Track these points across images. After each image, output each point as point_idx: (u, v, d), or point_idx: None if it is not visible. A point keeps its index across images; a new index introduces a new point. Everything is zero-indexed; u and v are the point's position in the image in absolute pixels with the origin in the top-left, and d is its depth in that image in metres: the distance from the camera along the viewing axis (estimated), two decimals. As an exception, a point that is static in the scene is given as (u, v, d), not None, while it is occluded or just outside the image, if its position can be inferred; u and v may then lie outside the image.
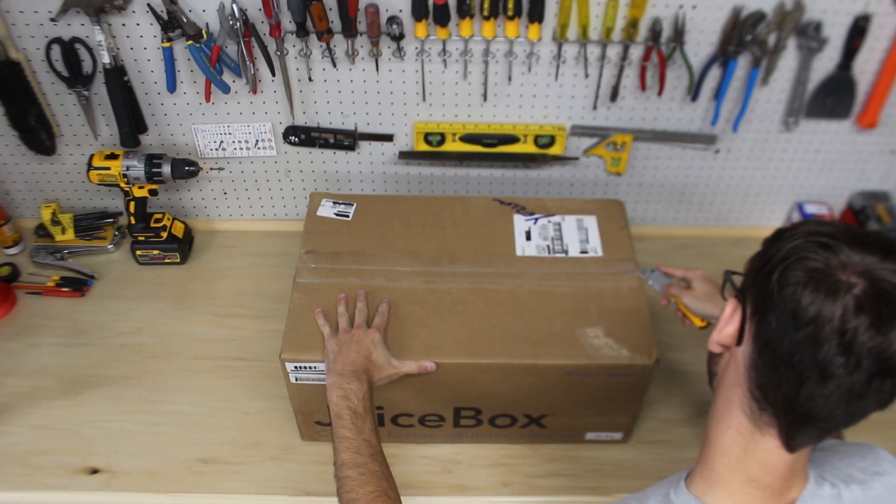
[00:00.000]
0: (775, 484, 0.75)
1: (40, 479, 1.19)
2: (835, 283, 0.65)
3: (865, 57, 1.37)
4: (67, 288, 1.47)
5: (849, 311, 0.64)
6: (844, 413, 0.69)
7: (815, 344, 0.65)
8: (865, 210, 1.54)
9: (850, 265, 0.66)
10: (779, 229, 0.76)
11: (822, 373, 0.66)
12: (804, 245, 0.69)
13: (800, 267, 0.67)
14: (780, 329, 0.68)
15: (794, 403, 0.70)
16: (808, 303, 0.66)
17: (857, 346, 0.64)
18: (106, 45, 1.29)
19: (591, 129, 1.46)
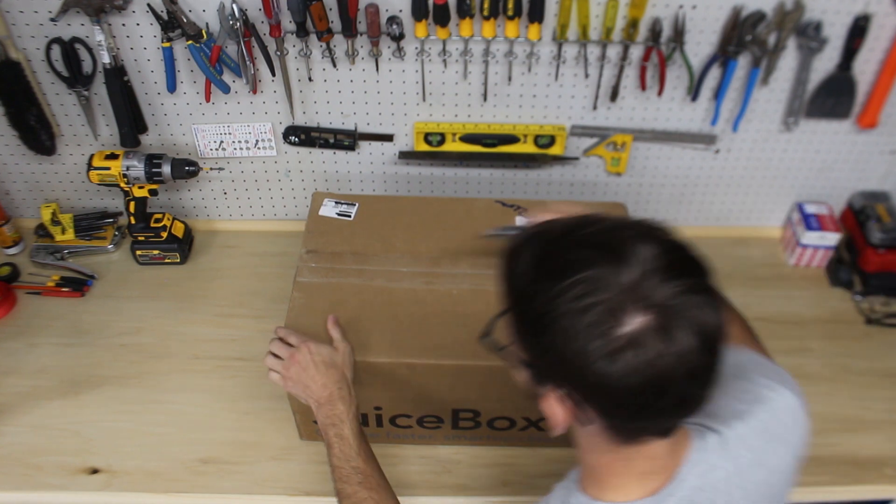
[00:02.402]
0: (664, 463, 0.76)
1: (40, 479, 1.19)
2: (627, 339, 0.63)
3: (865, 57, 1.37)
4: (67, 288, 1.47)
5: (666, 348, 0.63)
6: (702, 390, 0.69)
7: (661, 390, 0.65)
8: (865, 210, 1.54)
9: (619, 306, 0.64)
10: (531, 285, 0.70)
11: (680, 401, 0.68)
12: (569, 312, 0.65)
13: (590, 345, 0.64)
14: (621, 402, 0.67)
15: (660, 424, 0.71)
16: (628, 371, 0.64)
17: (694, 361, 0.65)
18: (106, 45, 1.29)
19: (591, 129, 1.46)
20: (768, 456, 0.81)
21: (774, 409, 0.83)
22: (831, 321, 1.47)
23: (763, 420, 0.81)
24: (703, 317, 0.65)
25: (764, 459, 0.80)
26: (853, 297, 1.52)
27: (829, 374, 1.38)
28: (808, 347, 1.42)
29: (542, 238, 0.72)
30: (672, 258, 0.68)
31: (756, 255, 1.61)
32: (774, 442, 0.81)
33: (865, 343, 1.44)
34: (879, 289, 1.51)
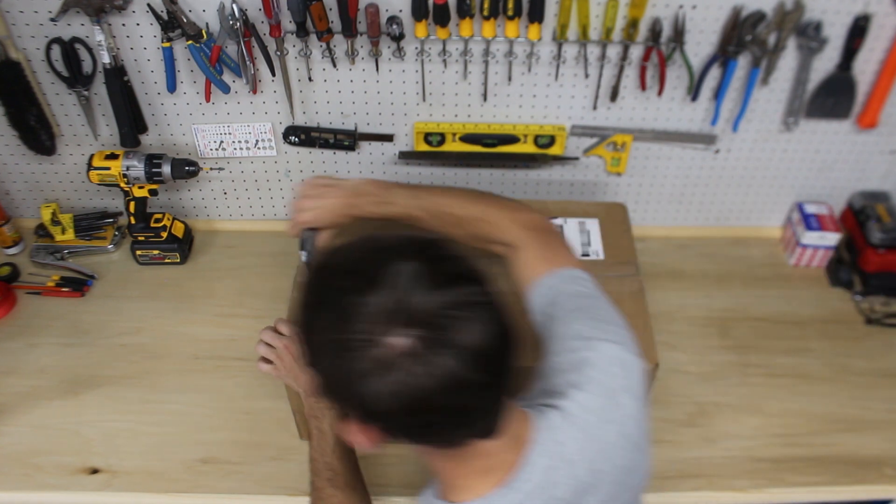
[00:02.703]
0: (505, 456, 0.77)
1: (40, 479, 1.19)
2: (390, 360, 0.64)
3: (865, 57, 1.37)
4: (67, 288, 1.47)
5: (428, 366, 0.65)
6: (492, 400, 0.72)
7: (433, 409, 0.67)
8: (865, 210, 1.54)
9: (375, 325, 0.65)
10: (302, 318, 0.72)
11: (458, 414, 0.69)
12: (335, 343, 0.67)
13: (354, 367, 0.65)
14: (402, 423, 0.69)
15: (467, 433, 0.72)
16: (397, 391, 0.65)
17: (463, 378, 0.65)
18: (106, 45, 1.29)
19: (591, 129, 1.46)
20: (614, 411, 0.82)
21: (599, 365, 0.84)
22: (831, 321, 1.47)
23: (595, 379, 0.83)
24: (468, 334, 0.65)
25: (611, 416, 0.82)
26: (853, 297, 1.52)
27: (829, 374, 1.38)
28: (808, 347, 1.42)
29: (310, 270, 0.75)
30: (435, 274, 0.67)
31: (756, 255, 1.61)
32: (615, 395, 0.83)
33: (865, 343, 1.44)
34: (879, 289, 1.51)
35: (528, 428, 0.79)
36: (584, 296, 0.92)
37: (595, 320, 0.89)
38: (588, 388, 0.82)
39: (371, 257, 0.70)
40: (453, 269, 0.69)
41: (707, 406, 1.32)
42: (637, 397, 0.85)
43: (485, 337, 0.66)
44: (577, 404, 0.81)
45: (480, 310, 0.67)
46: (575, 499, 0.79)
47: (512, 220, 1.03)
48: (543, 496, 0.77)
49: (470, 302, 0.67)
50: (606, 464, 0.81)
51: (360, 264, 0.69)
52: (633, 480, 0.85)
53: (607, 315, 0.90)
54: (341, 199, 1.07)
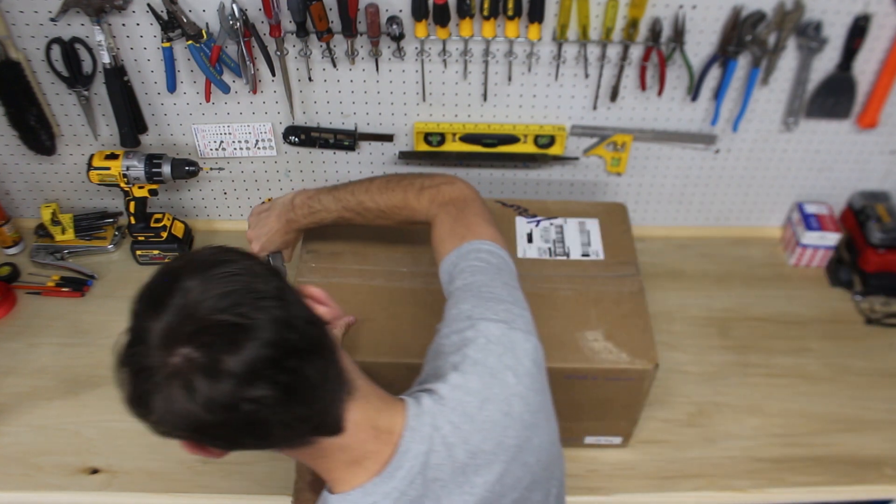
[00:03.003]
0: (372, 446, 0.77)
1: (40, 479, 1.19)
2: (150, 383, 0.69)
3: (865, 57, 1.37)
4: (67, 288, 1.47)
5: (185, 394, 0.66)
6: (316, 398, 0.72)
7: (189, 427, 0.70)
8: (865, 210, 1.54)
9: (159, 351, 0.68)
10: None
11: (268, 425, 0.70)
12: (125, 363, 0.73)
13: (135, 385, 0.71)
14: (218, 438, 0.72)
15: (295, 434, 0.73)
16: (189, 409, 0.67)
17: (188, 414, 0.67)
18: (106, 45, 1.29)
19: (591, 129, 1.46)
20: (494, 389, 0.82)
21: (479, 344, 0.84)
22: (831, 321, 1.47)
23: (473, 359, 0.83)
24: (238, 355, 0.65)
25: (490, 394, 0.81)
26: (853, 297, 1.52)
27: (829, 374, 1.38)
28: (808, 347, 1.42)
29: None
30: (209, 294, 0.67)
31: (756, 255, 1.61)
32: (496, 374, 0.82)
33: (865, 343, 1.44)
34: (879, 289, 1.51)
35: (402, 415, 0.79)
36: (478, 271, 0.91)
37: (481, 298, 0.88)
38: (465, 368, 0.82)
39: (157, 281, 0.72)
40: (231, 287, 0.68)
41: (707, 406, 1.32)
42: (524, 374, 0.84)
43: (258, 355, 0.66)
44: (451, 386, 0.81)
45: (252, 327, 0.66)
46: (455, 479, 0.79)
47: (428, 199, 1.04)
48: (420, 480, 0.77)
49: (238, 324, 0.66)
50: (489, 444, 0.80)
51: (148, 289, 0.72)
52: (528, 458, 0.84)
53: (497, 292, 0.89)
54: (278, 222, 1.16)
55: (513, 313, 0.87)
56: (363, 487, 0.77)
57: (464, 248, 0.95)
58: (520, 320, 0.87)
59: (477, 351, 0.83)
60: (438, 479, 0.78)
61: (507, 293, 0.90)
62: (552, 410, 0.89)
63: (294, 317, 0.69)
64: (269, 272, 0.72)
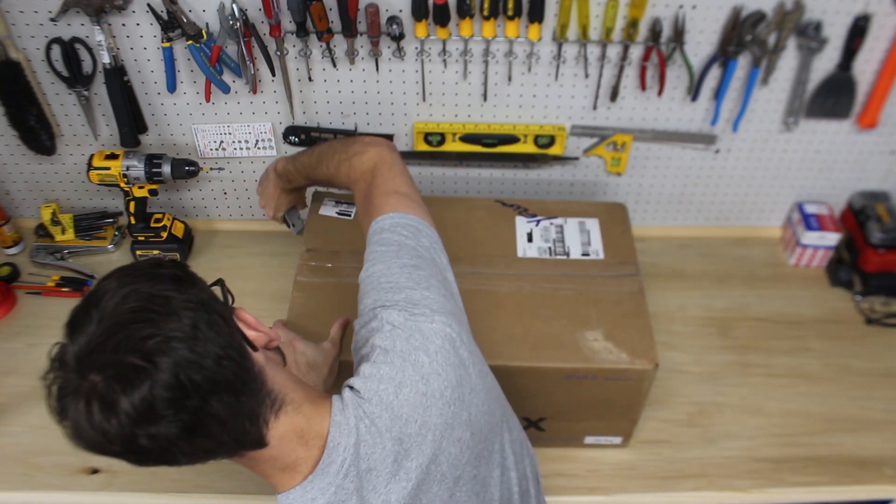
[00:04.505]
0: (301, 452, 0.79)
1: (40, 479, 1.19)
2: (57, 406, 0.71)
3: (865, 57, 1.37)
4: (67, 288, 1.47)
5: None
6: (227, 425, 0.72)
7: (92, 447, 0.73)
8: (865, 210, 1.54)
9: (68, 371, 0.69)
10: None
11: (169, 452, 0.71)
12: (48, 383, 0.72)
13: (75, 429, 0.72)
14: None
15: (213, 452, 0.74)
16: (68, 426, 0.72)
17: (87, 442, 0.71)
18: (106, 45, 1.29)
19: (591, 129, 1.46)
20: (407, 372, 0.82)
21: (383, 332, 0.85)
22: (831, 321, 1.47)
23: (380, 347, 0.84)
24: (135, 391, 0.66)
25: (404, 378, 0.82)
26: (853, 297, 1.52)
27: (829, 374, 1.38)
28: (808, 347, 1.42)
29: None
30: (117, 325, 0.69)
31: (756, 255, 1.61)
32: (406, 357, 0.83)
33: (865, 343, 1.44)
34: (879, 289, 1.51)
35: (325, 413, 0.80)
36: (377, 259, 0.92)
37: (380, 290, 0.89)
38: (375, 357, 0.84)
39: (82, 303, 0.74)
40: (140, 325, 0.69)
41: (707, 406, 1.32)
42: (435, 352, 0.84)
43: (155, 395, 0.67)
44: (364, 377, 0.82)
45: (151, 370, 0.67)
46: (388, 467, 0.80)
47: (345, 174, 1.06)
48: (354, 471, 0.79)
49: (137, 366, 0.67)
50: (412, 426, 0.81)
51: (74, 311, 0.74)
52: (460, 434, 0.84)
53: (395, 279, 0.89)
54: (276, 188, 1.26)
55: (412, 300, 0.87)
56: (301, 486, 0.79)
57: (369, 231, 0.96)
58: (422, 303, 0.87)
59: (383, 339, 0.84)
60: (373, 469, 0.80)
61: (405, 277, 0.89)
62: (483, 382, 0.89)
63: (202, 355, 0.69)
64: (190, 302, 0.72)
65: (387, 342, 0.84)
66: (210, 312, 0.73)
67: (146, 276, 0.73)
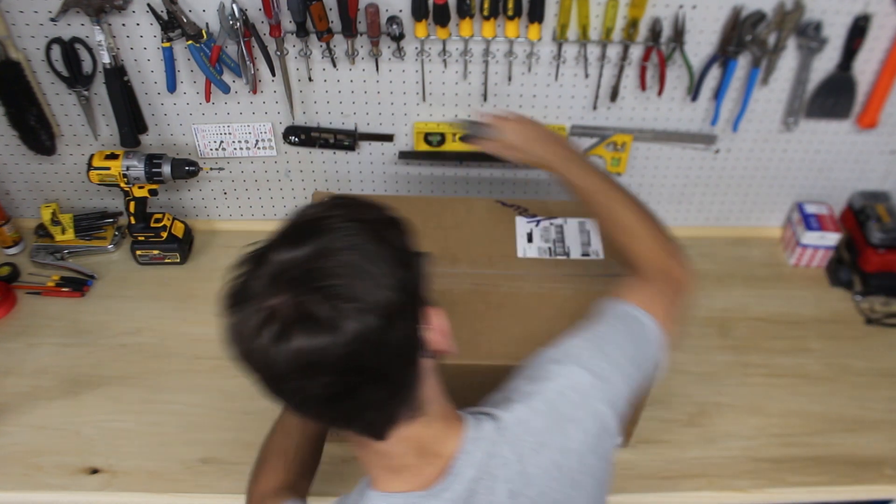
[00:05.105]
0: (409, 463, 0.76)
1: (40, 479, 1.19)
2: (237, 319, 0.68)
3: (865, 57, 1.37)
4: (67, 288, 1.47)
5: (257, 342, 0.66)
6: (364, 409, 0.71)
7: (267, 382, 0.70)
8: (865, 210, 1.54)
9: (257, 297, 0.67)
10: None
11: (307, 402, 0.70)
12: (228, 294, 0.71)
13: (242, 331, 0.68)
14: (262, 386, 0.71)
15: (334, 423, 0.74)
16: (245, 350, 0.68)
17: (280, 369, 0.66)
18: (106, 45, 1.29)
19: (591, 129, 1.46)
20: (555, 437, 0.78)
21: (561, 387, 0.81)
22: (831, 321, 1.47)
23: (549, 399, 0.80)
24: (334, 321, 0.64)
25: (550, 441, 0.78)
26: (853, 297, 1.52)
27: (829, 374, 1.38)
28: (808, 347, 1.42)
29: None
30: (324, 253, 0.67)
31: (756, 255, 1.61)
32: (563, 422, 0.79)
33: (865, 343, 1.44)
34: (879, 289, 1.51)
35: (459, 432, 0.77)
36: (619, 331, 0.88)
37: (594, 346, 0.85)
38: (535, 406, 0.79)
39: (302, 221, 0.71)
40: (353, 280, 0.66)
41: (707, 406, 1.32)
42: (592, 434, 0.80)
43: (324, 357, 0.64)
44: (517, 420, 0.78)
45: (334, 331, 0.64)
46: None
47: (660, 254, 1.00)
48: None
49: (324, 321, 0.64)
50: (531, 489, 0.77)
51: (299, 217, 0.71)
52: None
53: (612, 354, 0.85)
54: (543, 146, 1.13)
55: (608, 379, 0.83)
56: (405, 496, 0.76)
57: (636, 311, 0.90)
58: (610, 387, 0.83)
59: (553, 391, 0.80)
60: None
61: (620, 361, 0.85)
62: (603, 483, 0.86)
63: (386, 342, 0.67)
64: (403, 281, 0.68)
65: (554, 396, 0.80)
66: (413, 302, 0.71)
67: (376, 234, 0.70)
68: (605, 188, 1.07)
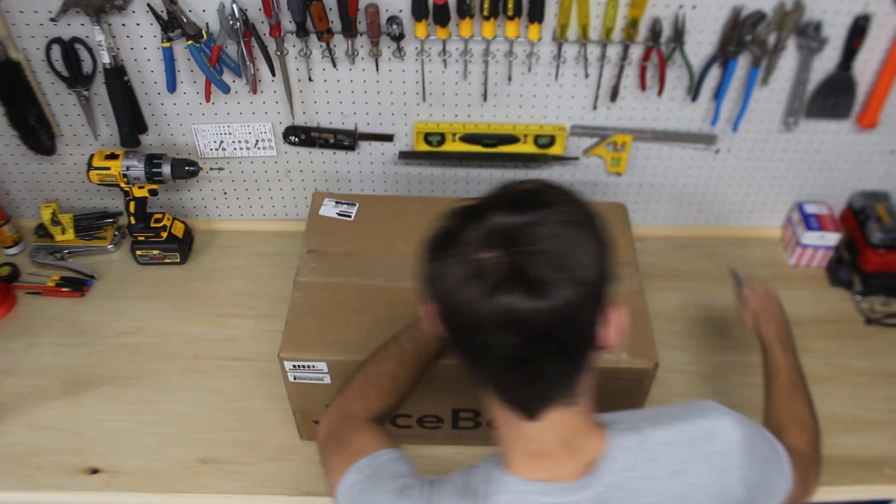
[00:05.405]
0: (551, 451, 0.76)
1: (40, 479, 1.19)
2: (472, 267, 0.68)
3: (865, 57, 1.37)
4: (67, 288, 1.47)
5: (465, 292, 0.67)
6: (535, 378, 0.72)
7: (458, 332, 0.71)
8: (865, 210, 1.54)
9: (469, 244, 0.68)
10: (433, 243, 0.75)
11: (485, 356, 0.71)
12: (429, 248, 0.73)
13: (447, 277, 0.69)
14: (451, 332, 0.73)
15: (494, 386, 0.74)
16: (445, 292, 0.69)
17: (486, 324, 0.67)
18: (106, 45, 1.29)
19: (591, 129, 1.46)
20: (692, 468, 0.78)
21: (711, 429, 0.81)
22: (831, 321, 1.47)
23: (694, 434, 0.80)
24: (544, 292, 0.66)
25: (687, 469, 0.78)
26: (853, 297, 1.52)
27: (829, 374, 1.38)
28: (808, 347, 1.42)
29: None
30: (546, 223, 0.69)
31: (756, 255, 1.61)
32: (702, 460, 0.79)
33: (865, 343, 1.44)
34: (879, 289, 1.51)
35: (602, 441, 0.78)
36: (773, 465, 0.87)
37: (757, 450, 0.84)
38: (680, 434, 0.79)
39: (529, 189, 0.74)
40: (575, 252, 0.69)
41: (707, 406, 1.32)
42: (722, 483, 0.79)
43: (525, 317, 0.66)
44: (659, 439, 0.78)
45: (543, 295, 0.66)
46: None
47: (809, 451, 1.02)
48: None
49: (537, 282, 0.66)
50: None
51: (519, 189, 0.74)
52: None
53: (764, 470, 0.85)
54: (774, 329, 1.15)
55: (752, 434, 0.84)
56: (544, 485, 0.76)
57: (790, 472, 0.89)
58: (750, 478, 0.81)
59: (703, 433, 0.80)
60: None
61: (762, 481, 0.84)
62: None
63: (581, 319, 0.69)
64: (611, 272, 0.72)
65: (703, 436, 0.80)
66: (605, 291, 0.73)
67: (587, 218, 0.74)
68: (800, 381, 1.09)
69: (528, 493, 0.76)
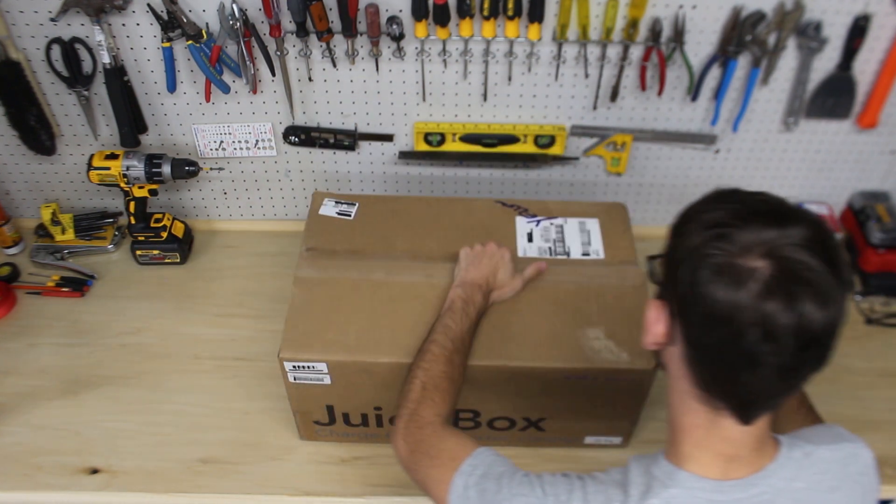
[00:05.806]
0: (742, 454, 0.77)
1: (40, 479, 1.19)
2: (739, 273, 0.68)
3: (865, 57, 1.37)
4: (67, 288, 1.47)
5: (760, 298, 0.67)
6: (785, 386, 0.73)
7: (737, 337, 0.68)
8: (865, 210, 1.54)
9: (750, 248, 0.68)
10: (678, 220, 0.79)
11: (751, 362, 0.69)
12: (702, 242, 0.71)
13: (703, 265, 0.70)
14: (702, 328, 0.71)
15: (735, 390, 0.73)
16: (720, 298, 0.68)
17: (778, 330, 0.67)
18: (106, 45, 1.29)
19: (591, 129, 1.46)
20: (846, 485, 0.82)
21: (859, 454, 0.85)
22: (831, 321, 1.47)
23: (844, 455, 0.83)
24: (816, 304, 0.66)
25: (842, 486, 0.81)
26: (853, 297, 1.52)
27: (829, 374, 1.35)
28: (808, 347, 1.42)
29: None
30: (815, 243, 0.69)
31: (756, 255, 1.60)
32: (851, 479, 0.83)
33: (865, 343, 1.43)
34: (879, 289, 1.51)
35: (774, 446, 0.80)
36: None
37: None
38: (838, 454, 0.83)
39: (783, 205, 0.74)
40: (834, 244, 0.70)
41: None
42: (863, 500, 0.85)
43: (823, 319, 0.67)
44: (823, 458, 0.81)
45: (834, 302, 0.68)
46: None
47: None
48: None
49: (826, 285, 0.67)
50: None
51: (775, 204, 0.74)
52: None
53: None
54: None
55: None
56: (719, 483, 0.77)
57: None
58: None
59: (853, 457, 0.84)
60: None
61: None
62: None
63: (824, 335, 0.70)
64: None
65: (851, 459, 0.84)
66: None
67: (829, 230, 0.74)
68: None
69: (701, 489, 0.77)
